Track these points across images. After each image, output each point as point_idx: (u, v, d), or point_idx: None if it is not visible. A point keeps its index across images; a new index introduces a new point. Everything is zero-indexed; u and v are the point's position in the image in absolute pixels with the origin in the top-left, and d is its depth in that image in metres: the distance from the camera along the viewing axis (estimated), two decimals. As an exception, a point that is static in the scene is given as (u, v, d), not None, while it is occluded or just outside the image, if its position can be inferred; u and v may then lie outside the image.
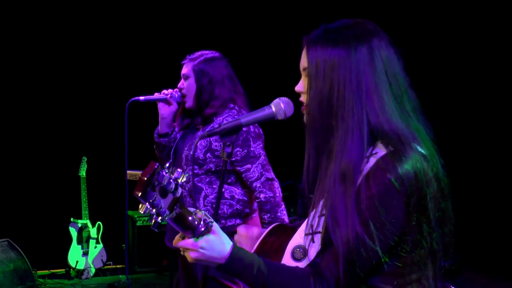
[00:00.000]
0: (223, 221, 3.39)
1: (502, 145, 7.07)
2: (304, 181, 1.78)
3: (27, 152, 7.50)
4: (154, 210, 1.48)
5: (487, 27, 6.84)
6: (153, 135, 3.81)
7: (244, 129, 3.22)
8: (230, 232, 3.43)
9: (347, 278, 1.55)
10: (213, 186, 3.35)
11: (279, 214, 3.37)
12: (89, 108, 7.68)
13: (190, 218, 1.61)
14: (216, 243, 1.66)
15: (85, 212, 7.26)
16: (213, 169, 3.38)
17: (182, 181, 1.55)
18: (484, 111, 7.21)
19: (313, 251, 1.71)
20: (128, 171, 5.66)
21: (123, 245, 7.67)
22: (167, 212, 1.50)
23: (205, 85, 3.48)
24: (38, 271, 7.29)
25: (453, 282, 4.43)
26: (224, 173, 2.23)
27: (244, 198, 3.44)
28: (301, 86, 1.78)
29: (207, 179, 3.39)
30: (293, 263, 1.78)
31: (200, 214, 1.65)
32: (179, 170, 1.55)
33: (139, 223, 7.32)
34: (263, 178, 3.35)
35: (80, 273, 7.24)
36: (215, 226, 1.68)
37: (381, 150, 1.58)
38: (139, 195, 1.44)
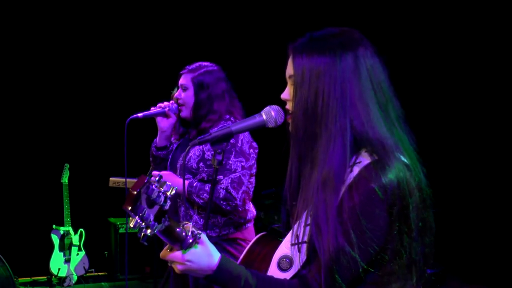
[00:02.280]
0: (217, 230, 3.39)
1: (487, 156, 7.10)
2: (286, 189, 1.78)
3: (9, 159, 7.44)
4: (143, 224, 1.47)
5: (473, 36, 6.88)
6: (150, 148, 3.77)
7: (231, 141, 3.27)
8: (225, 240, 3.43)
9: (329, 287, 1.55)
10: (203, 195, 3.33)
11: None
12: (71, 115, 7.64)
13: (178, 229, 1.60)
14: (203, 255, 1.65)
15: (67, 219, 7.21)
16: (205, 179, 3.37)
17: (171, 194, 1.54)
18: (466, 122, 7.25)
19: (299, 261, 1.70)
20: (111, 178, 5.68)
21: (105, 252, 7.62)
22: (156, 225, 1.50)
23: (204, 99, 3.47)
24: (20, 279, 7.24)
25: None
26: (215, 181, 2.22)
27: (238, 210, 3.43)
28: (287, 94, 1.79)
29: None
30: (279, 273, 1.78)
31: (188, 226, 1.64)
32: (168, 183, 1.54)
33: (121, 230, 7.28)
34: (225, 190, 3.32)
35: (62, 280, 7.17)
36: (203, 237, 1.68)
37: (365, 159, 1.58)
38: (129, 209, 1.43)
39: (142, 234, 1.48)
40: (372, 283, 1.60)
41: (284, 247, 1.83)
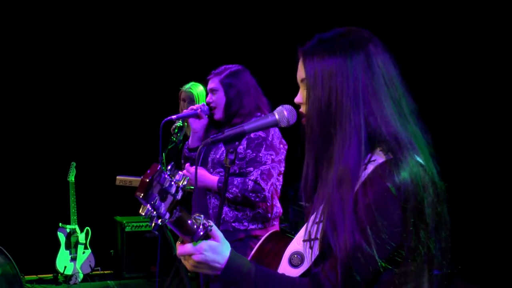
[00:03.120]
0: (246, 223, 3.47)
1: (489, 155, 7.10)
2: (301, 190, 1.79)
3: (16, 157, 7.47)
4: (155, 212, 1.47)
5: (481, 33, 6.87)
6: (183, 151, 3.87)
7: (262, 135, 3.41)
8: (251, 236, 3.49)
9: (346, 285, 1.56)
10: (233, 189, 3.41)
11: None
12: (78, 113, 7.67)
13: (189, 221, 1.60)
14: (217, 246, 1.65)
15: (73, 217, 7.24)
16: (237, 172, 3.48)
17: (183, 184, 1.54)
18: (478, 118, 7.25)
19: (310, 258, 1.72)
20: (118, 177, 5.70)
21: (111, 251, 7.65)
22: (168, 215, 1.50)
23: (233, 97, 3.61)
24: (26, 276, 7.28)
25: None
26: (227, 180, 2.25)
27: (267, 202, 3.51)
28: (300, 97, 1.80)
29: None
30: (290, 270, 1.79)
31: (200, 218, 1.64)
32: (180, 172, 1.55)
33: (127, 229, 7.31)
34: (254, 182, 3.40)
35: (68, 278, 7.20)
36: (215, 230, 1.67)
37: (379, 157, 1.59)
38: (141, 196, 1.43)
39: (153, 223, 1.47)
40: (387, 283, 1.61)
41: (296, 244, 1.84)
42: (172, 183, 1.50)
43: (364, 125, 1.62)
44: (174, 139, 4.50)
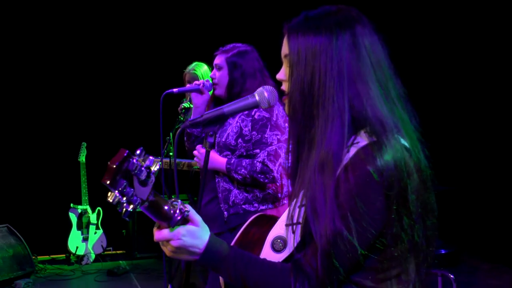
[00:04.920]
0: (256, 205, 3.43)
1: (500, 135, 7.03)
2: (286, 172, 1.76)
3: (27, 138, 7.50)
4: (124, 199, 1.42)
5: (472, 19, 6.78)
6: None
7: (266, 115, 3.35)
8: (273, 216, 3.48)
9: (326, 272, 1.51)
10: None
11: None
12: (88, 94, 7.67)
13: (165, 207, 1.57)
14: (196, 231, 1.61)
15: (84, 198, 7.25)
16: (244, 154, 3.42)
17: (155, 169, 1.50)
18: (483, 99, 7.17)
19: (293, 243, 1.67)
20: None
21: (123, 231, 7.66)
22: (139, 201, 1.45)
23: (237, 78, 3.53)
24: (38, 257, 7.32)
25: (452, 271, 4.40)
26: (207, 163, 2.20)
27: (276, 183, 3.47)
28: (283, 74, 1.73)
29: None
30: (272, 254, 1.75)
31: (177, 203, 1.60)
32: (151, 157, 1.50)
33: (138, 209, 7.28)
34: (261, 163, 3.37)
35: (80, 258, 7.24)
36: (193, 214, 1.63)
37: (363, 140, 1.53)
38: (108, 183, 1.39)
39: (124, 209, 1.43)
40: (370, 269, 1.55)
41: (279, 228, 1.80)
42: (143, 168, 1.46)
43: (348, 107, 1.56)
44: (182, 118, 4.46)
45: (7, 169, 7.39)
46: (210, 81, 3.65)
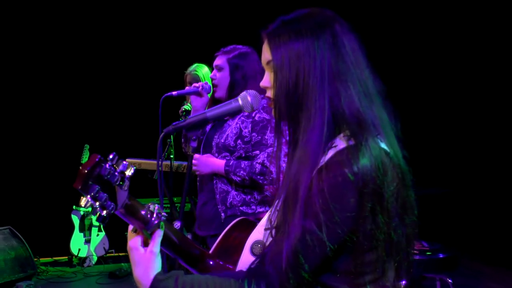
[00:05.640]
0: (254, 207, 3.43)
1: (499, 136, 7.00)
2: (276, 176, 1.76)
3: (29, 140, 7.51)
4: (97, 203, 1.44)
5: (461, 13, 6.77)
6: (183, 130, 3.79)
7: (266, 117, 3.36)
8: (260, 220, 3.45)
9: (290, 268, 1.49)
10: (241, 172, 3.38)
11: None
12: (90, 96, 7.68)
13: (142, 211, 1.58)
14: (147, 264, 1.61)
15: (87, 200, 7.25)
16: (243, 155, 3.42)
17: (129, 173, 1.51)
18: (483, 97, 7.15)
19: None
20: (127, 159, 5.68)
21: (125, 233, 7.66)
22: (112, 205, 1.47)
23: (239, 79, 3.52)
24: (41, 258, 7.33)
25: (451, 275, 4.38)
26: (190, 168, 2.21)
27: (275, 185, 3.46)
28: (267, 81, 1.73)
29: None
30: (252, 259, 1.74)
31: (153, 207, 1.62)
32: (125, 162, 1.51)
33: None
34: (261, 165, 3.36)
35: (82, 261, 7.25)
36: (157, 236, 1.64)
37: (341, 143, 1.53)
38: (79, 188, 1.40)
39: (97, 214, 1.45)
40: (347, 273, 1.54)
41: (258, 232, 1.80)
42: (116, 173, 1.47)
43: (329, 106, 1.57)
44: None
45: (9, 171, 7.40)
46: (209, 83, 3.64)
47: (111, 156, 1.48)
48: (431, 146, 7.18)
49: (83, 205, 1.42)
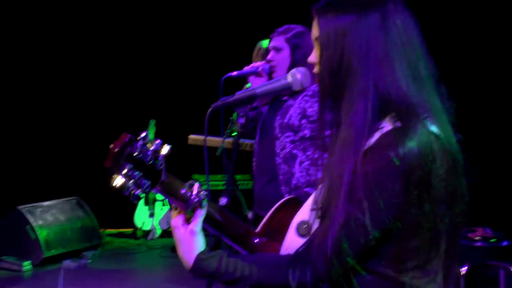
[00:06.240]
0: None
1: None
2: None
3: (97, 114, 7.65)
4: (130, 182, 1.45)
5: None
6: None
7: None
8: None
9: (335, 255, 1.46)
10: (307, 153, 3.33)
11: None
12: (157, 73, 7.78)
13: (182, 190, 1.57)
14: (188, 242, 1.63)
15: (152, 174, 7.35)
16: (307, 135, 3.34)
17: (163, 153, 1.50)
18: None
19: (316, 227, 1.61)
20: (190, 136, 5.73)
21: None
22: (148, 184, 1.47)
23: (300, 59, 3.40)
24: (106, 230, 7.51)
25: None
26: (237, 145, 2.18)
27: None
28: (314, 56, 1.68)
29: (302, 146, 3.36)
30: (297, 239, 1.71)
31: (194, 185, 1.60)
32: (158, 141, 1.50)
33: (204, 187, 7.33)
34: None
35: (146, 233, 7.37)
36: (199, 213, 1.64)
37: (388, 125, 1.47)
38: (109, 166, 1.43)
39: (131, 192, 1.46)
40: (390, 258, 1.50)
41: (304, 212, 1.75)
42: (148, 152, 1.47)
43: (373, 90, 1.50)
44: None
45: (78, 142, 7.57)
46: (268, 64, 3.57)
47: (142, 135, 1.48)
48: (498, 131, 6.95)
49: (115, 184, 1.44)
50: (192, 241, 1.62)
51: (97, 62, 7.65)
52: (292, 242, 1.72)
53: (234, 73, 3.46)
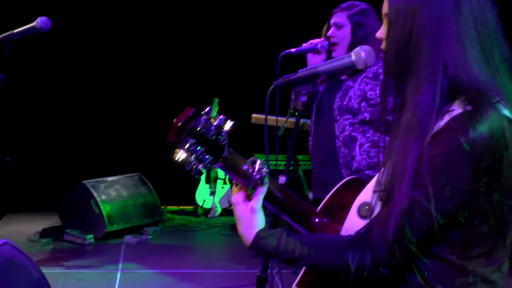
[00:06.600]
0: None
1: None
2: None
3: (162, 92, 7.71)
4: (192, 157, 1.44)
5: None
6: (294, 88, 3.69)
7: None
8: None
9: (396, 241, 1.42)
10: (367, 135, 3.28)
11: None
12: (220, 52, 7.79)
13: (244, 166, 1.55)
14: (248, 220, 1.61)
15: (214, 152, 7.38)
16: (367, 119, 3.28)
17: (226, 128, 1.48)
18: None
19: (378, 210, 1.58)
20: (253, 115, 5.72)
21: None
22: (210, 159, 1.45)
23: (361, 38, 3.33)
24: (167, 206, 7.59)
25: None
26: (298, 124, 2.13)
27: None
28: (382, 32, 1.63)
29: (361, 128, 3.30)
30: (358, 220, 1.68)
31: (256, 162, 1.57)
32: (221, 116, 1.48)
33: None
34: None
35: (206, 211, 7.42)
36: (260, 191, 1.61)
37: (458, 108, 1.40)
38: (172, 141, 1.42)
39: (193, 167, 1.44)
40: (455, 244, 1.46)
41: (366, 194, 1.71)
42: (212, 127, 1.45)
43: (443, 72, 1.43)
44: None
45: (141, 120, 7.65)
46: (327, 41, 3.48)
47: (206, 110, 1.47)
48: None
49: (176, 158, 1.43)
50: (252, 218, 1.60)
51: (161, 40, 7.69)
52: (353, 223, 1.69)
53: (293, 50, 3.39)
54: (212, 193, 7.42)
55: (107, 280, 5.20)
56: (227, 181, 7.44)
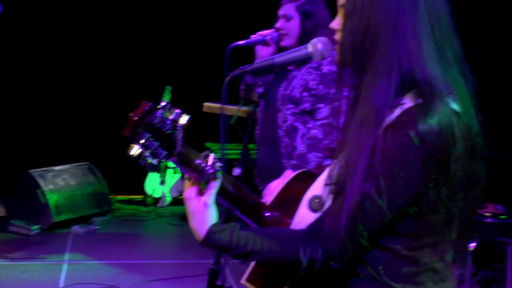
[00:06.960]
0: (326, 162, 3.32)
1: None
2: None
3: (111, 80, 7.61)
4: (148, 152, 1.43)
5: None
6: (243, 78, 3.66)
7: (335, 70, 3.15)
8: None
9: (348, 235, 1.44)
10: (308, 125, 3.27)
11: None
12: (171, 41, 7.75)
13: (197, 160, 1.55)
14: (200, 214, 1.59)
15: (163, 141, 7.32)
16: (308, 109, 3.29)
17: (182, 122, 1.47)
18: None
19: (329, 203, 1.58)
20: (205, 104, 5.69)
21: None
22: (164, 154, 1.45)
23: (310, 29, 3.34)
24: (116, 196, 7.51)
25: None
26: (254, 114, 2.11)
27: None
28: (337, 23, 1.62)
29: (302, 119, 3.31)
30: (309, 214, 1.69)
31: (209, 156, 1.57)
32: (177, 110, 1.47)
33: (217, 156, 7.28)
34: (325, 121, 3.24)
35: (156, 201, 7.36)
36: (213, 185, 1.60)
37: (408, 101, 1.43)
38: (128, 135, 1.42)
39: (147, 162, 1.44)
40: (404, 235, 1.48)
41: (317, 187, 1.72)
42: (167, 121, 1.45)
43: (397, 66, 1.45)
44: None
45: (90, 108, 7.53)
46: (277, 32, 3.46)
47: (162, 104, 1.47)
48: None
49: (131, 153, 1.42)
50: (204, 213, 1.59)
51: (114, 30, 7.58)
52: (303, 217, 1.69)
53: (242, 42, 3.37)
54: (162, 182, 7.35)
55: (53, 272, 5.11)
56: (177, 170, 7.38)
